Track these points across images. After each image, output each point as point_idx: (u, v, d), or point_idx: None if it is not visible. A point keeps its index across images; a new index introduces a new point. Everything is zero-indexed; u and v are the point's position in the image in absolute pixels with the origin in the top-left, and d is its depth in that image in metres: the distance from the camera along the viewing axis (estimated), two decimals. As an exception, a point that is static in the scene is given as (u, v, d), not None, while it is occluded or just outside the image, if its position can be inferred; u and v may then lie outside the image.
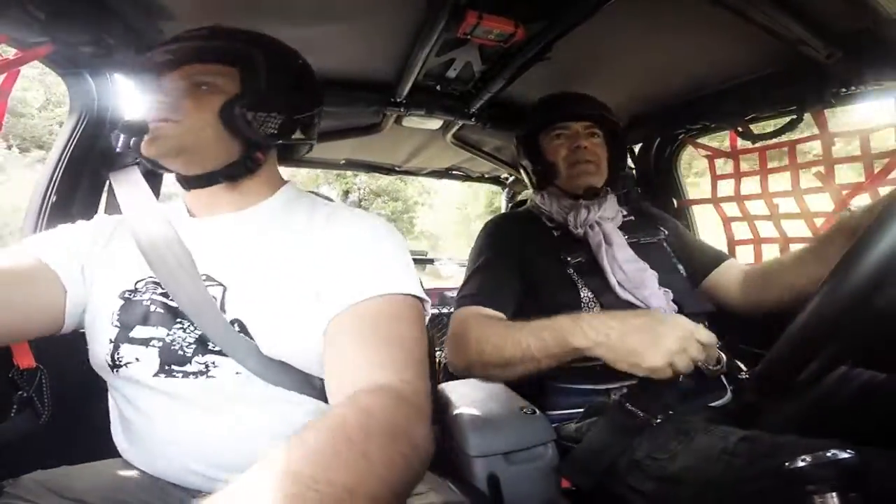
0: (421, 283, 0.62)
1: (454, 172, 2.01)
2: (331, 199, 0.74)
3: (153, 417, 0.57)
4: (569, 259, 0.98)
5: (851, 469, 0.43)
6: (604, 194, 1.08)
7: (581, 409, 0.88)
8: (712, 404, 0.84)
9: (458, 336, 0.88)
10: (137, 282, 0.62)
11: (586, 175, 1.05)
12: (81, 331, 0.63)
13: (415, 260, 0.65)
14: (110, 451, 0.63)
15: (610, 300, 0.92)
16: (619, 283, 0.93)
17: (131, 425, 0.60)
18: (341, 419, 0.40)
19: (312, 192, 0.74)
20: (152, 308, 0.59)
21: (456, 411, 0.91)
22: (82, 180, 0.94)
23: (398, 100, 1.20)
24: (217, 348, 0.56)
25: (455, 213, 15.59)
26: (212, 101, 0.61)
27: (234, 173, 0.65)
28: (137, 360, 0.57)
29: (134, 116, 0.63)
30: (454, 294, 2.33)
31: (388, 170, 1.92)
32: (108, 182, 0.89)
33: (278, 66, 0.65)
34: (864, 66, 0.90)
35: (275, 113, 0.64)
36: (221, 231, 0.65)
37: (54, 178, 0.91)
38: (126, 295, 0.61)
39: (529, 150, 1.11)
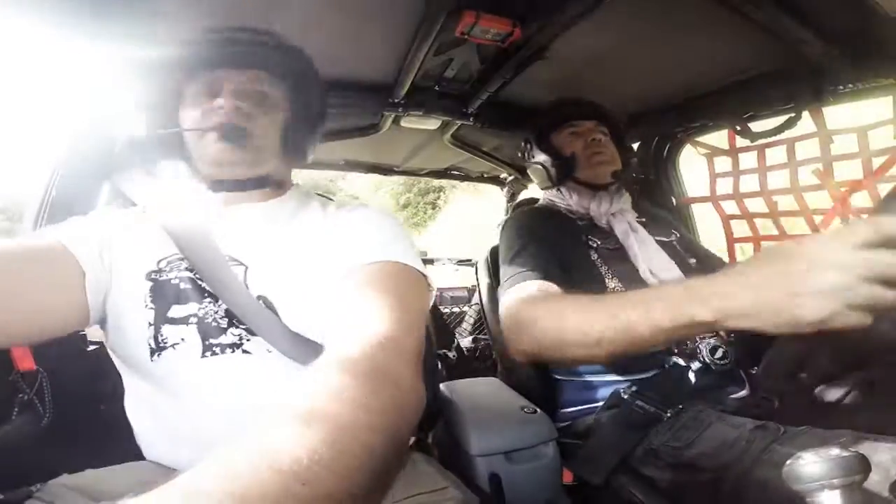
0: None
1: (453, 172, 2.01)
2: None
3: (192, 405, 0.57)
4: (596, 244, 0.99)
5: (852, 468, 0.43)
6: (619, 189, 1.10)
7: (594, 404, 0.88)
8: (731, 397, 0.84)
9: (519, 316, 0.77)
10: (160, 261, 0.62)
11: (606, 164, 1.07)
12: (81, 332, 0.63)
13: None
14: (112, 454, 0.63)
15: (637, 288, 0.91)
16: (649, 269, 0.93)
17: (165, 418, 0.59)
18: (315, 371, 0.40)
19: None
20: (182, 286, 0.60)
21: (457, 411, 0.91)
22: (82, 181, 0.94)
23: (396, 100, 1.19)
24: (244, 326, 0.58)
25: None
26: (277, 118, 0.68)
27: (273, 183, 0.70)
28: (183, 339, 0.57)
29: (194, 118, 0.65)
30: (454, 294, 2.33)
31: (387, 170, 1.92)
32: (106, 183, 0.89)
33: (314, 87, 0.73)
34: (861, 64, 0.90)
35: (313, 126, 0.71)
36: (241, 219, 0.67)
37: (54, 179, 0.91)
38: (152, 276, 0.61)
39: (543, 147, 1.14)
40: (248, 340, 0.58)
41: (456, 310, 2.20)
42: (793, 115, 1.09)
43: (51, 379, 0.70)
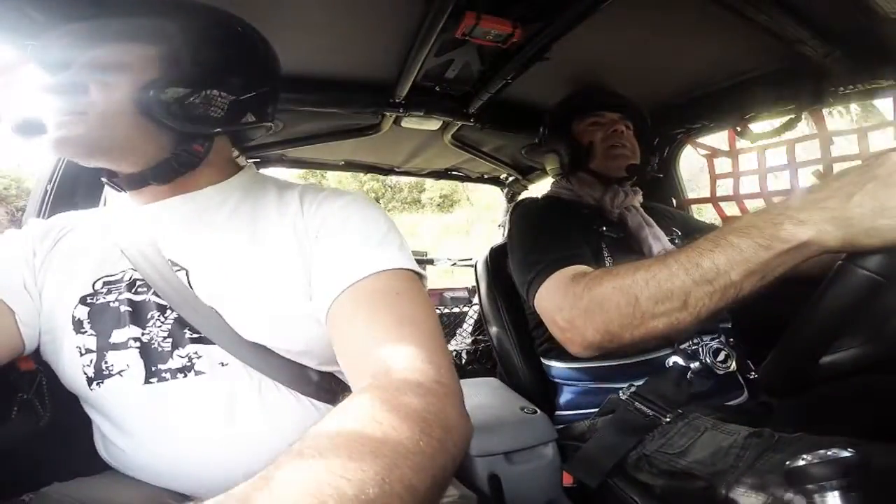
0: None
1: (453, 173, 2.00)
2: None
3: (143, 432, 0.54)
4: (603, 230, 0.97)
5: (853, 468, 0.43)
6: (633, 185, 1.08)
7: (592, 409, 0.88)
8: (729, 403, 0.84)
9: (580, 302, 0.67)
10: (94, 282, 0.57)
11: (624, 158, 1.05)
12: None
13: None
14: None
15: None
16: None
17: (120, 444, 0.55)
18: (367, 404, 0.38)
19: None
20: (122, 308, 0.55)
21: (456, 412, 0.91)
22: (82, 178, 0.94)
23: (397, 101, 1.19)
24: (196, 335, 0.53)
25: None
26: (122, 87, 0.51)
27: (167, 172, 0.56)
28: (128, 366, 0.53)
29: (29, 112, 0.52)
30: (454, 294, 2.33)
31: (387, 171, 1.92)
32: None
33: (208, 39, 0.56)
34: (862, 64, 0.90)
35: (210, 95, 0.54)
36: (175, 213, 0.59)
37: (54, 177, 0.91)
38: (88, 300, 0.56)
39: (561, 134, 1.11)
40: (198, 358, 0.53)
41: (456, 310, 2.20)
42: (793, 116, 1.09)
43: (50, 379, 0.70)
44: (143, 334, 0.54)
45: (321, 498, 0.27)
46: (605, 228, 0.97)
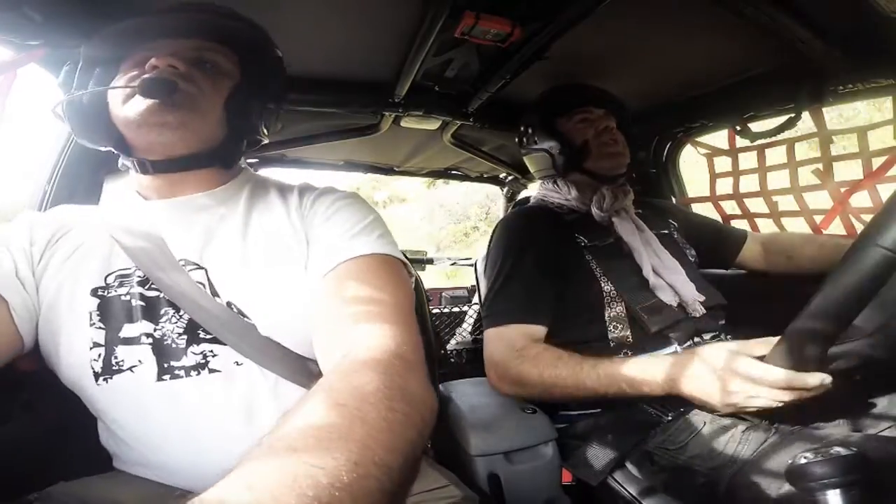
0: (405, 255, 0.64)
1: (453, 172, 2.00)
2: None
3: (157, 429, 0.53)
4: (586, 242, 0.97)
5: (853, 466, 0.43)
6: (624, 184, 1.08)
7: (595, 409, 0.88)
8: None
9: (508, 372, 0.85)
10: (107, 276, 0.58)
11: (619, 156, 1.04)
12: None
13: (414, 260, 0.65)
14: (110, 456, 0.62)
15: (633, 289, 0.90)
16: (653, 267, 0.92)
17: (129, 440, 0.55)
18: (331, 388, 0.39)
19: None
20: (133, 303, 0.56)
21: (456, 411, 0.91)
22: (80, 181, 0.94)
23: (396, 100, 1.19)
24: (210, 336, 0.54)
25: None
26: (222, 84, 0.61)
27: (220, 159, 0.64)
28: (140, 361, 0.53)
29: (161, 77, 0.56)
30: (453, 294, 2.32)
31: (386, 170, 1.91)
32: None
33: (269, 58, 0.67)
34: (861, 64, 0.90)
35: (263, 106, 0.65)
36: (188, 211, 0.62)
37: (53, 180, 0.91)
38: (100, 292, 0.56)
39: (549, 133, 1.09)
40: (214, 356, 0.54)
41: (456, 310, 2.19)
42: (793, 115, 1.09)
43: (51, 380, 0.70)
44: (155, 330, 0.55)
45: (298, 490, 0.27)
46: (587, 241, 0.97)
